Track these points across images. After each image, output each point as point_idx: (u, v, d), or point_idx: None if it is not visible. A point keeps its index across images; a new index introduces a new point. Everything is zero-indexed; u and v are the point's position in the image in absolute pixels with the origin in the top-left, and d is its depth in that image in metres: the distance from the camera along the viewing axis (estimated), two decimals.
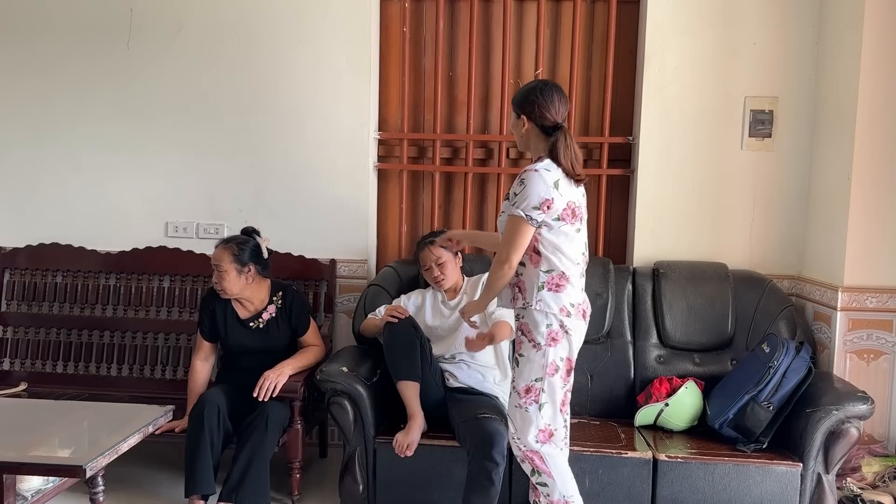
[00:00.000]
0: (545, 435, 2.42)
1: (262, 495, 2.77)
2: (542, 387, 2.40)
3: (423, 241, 3.09)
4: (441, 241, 2.91)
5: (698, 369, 3.17)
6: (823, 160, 3.23)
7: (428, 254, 3.03)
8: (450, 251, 3.03)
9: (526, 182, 2.35)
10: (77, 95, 3.58)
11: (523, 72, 3.59)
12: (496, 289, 2.45)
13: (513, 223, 2.38)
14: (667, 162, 3.39)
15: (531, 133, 2.47)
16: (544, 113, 2.42)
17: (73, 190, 3.62)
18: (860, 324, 3.01)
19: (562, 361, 2.40)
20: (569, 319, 2.38)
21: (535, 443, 2.41)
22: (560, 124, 2.43)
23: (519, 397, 2.43)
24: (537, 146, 2.48)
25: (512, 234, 2.38)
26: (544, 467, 2.43)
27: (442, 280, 3.03)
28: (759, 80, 3.35)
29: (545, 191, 2.34)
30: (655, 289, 3.27)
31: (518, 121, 2.49)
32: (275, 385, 2.83)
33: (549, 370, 2.39)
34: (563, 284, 2.39)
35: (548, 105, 2.42)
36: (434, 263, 3.02)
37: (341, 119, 3.50)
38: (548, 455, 2.43)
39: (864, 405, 2.65)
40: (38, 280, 3.57)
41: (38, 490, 2.08)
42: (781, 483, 2.70)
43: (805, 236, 3.36)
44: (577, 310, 2.42)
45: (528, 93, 2.47)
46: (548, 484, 2.44)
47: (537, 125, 2.45)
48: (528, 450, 2.43)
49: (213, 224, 3.59)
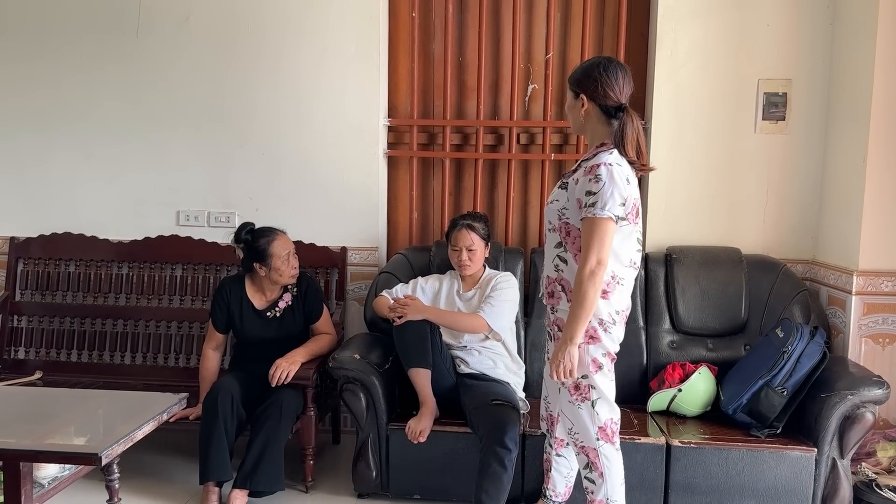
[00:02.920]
0: (606, 434, 2.32)
1: (276, 481, 2.79)
2: (590, 383, 2.29)
3: (461, 221, 3.03)
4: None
5: (711, 355, 3.16)
6: (838, 143, 3.19)
7: (464, 236, 3.00)
8: (482, 240, 3.01)
9: (604, 178, 2.15)
10: (86, 85, 3.59)
11: (534, 56, 3.56)
12: (592, 301, 2.17)
13: (596, 226, 2.16)
14: (679, 146, 3.36)
15: (591, 115, 2.27)
16: (608, 92, 2.21)
17: (84, 179, 3.64)
18: (875, 308, 2.98)
19: (604, 357, 2.28)
20: (612, 325, 2.27)
21: (597, 440, 2.31)
22: (624, 105, 2.24)
23: (570, 394, 2.32)
24: (596, 130, 2.29)
25: (595, 236, 2.15)
26: (598, 466, 2.33)
27: (467, 265, 3.02)
28: (773, 63, 3.31)
29: (624, 187, 2.16)
30: (668, 274, 3.25)
31: (576, 101, 2.29)
32: (287, 373, 2.84)
33: (592, 368, 2.27)
34: (609, 291, 2.24)
35: (612, 83, 2.21)
36: (466, 248, 3.00)
37: (350, 106, 3.49)
38: (605, 456, 2.32)
39: (879, 390, 2.63)
40: (52, 269, 3.59)
41: (54, 478, 2.09)
42: (796, 468, 2.68)
43: (819, 220, 3.33)
44: (621, 317, 2.30)
45: (589, 69, 2.26)
46: (595, 482, 2.35)
47: (598, 106, 2.25)
48: (589, 447, 2.34)
49: (224, 213, 3.60)
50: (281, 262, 2.97)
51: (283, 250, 2.98)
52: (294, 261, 3.03)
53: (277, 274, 2.98)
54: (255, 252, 2.98)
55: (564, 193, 2.32)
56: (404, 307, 2.85)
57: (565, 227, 2.31)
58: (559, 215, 2.33)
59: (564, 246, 2.32)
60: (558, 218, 2.33)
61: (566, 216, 2.31)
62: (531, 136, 3.59)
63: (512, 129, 3.53)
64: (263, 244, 2.97)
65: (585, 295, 2.17)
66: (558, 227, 2.34)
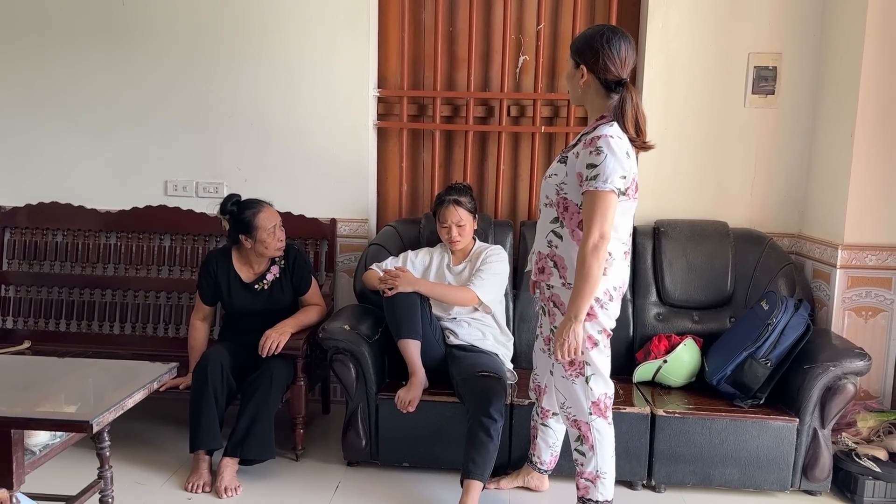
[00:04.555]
0: (599, 408, 2.32)
1: (266, 449, 2.81)
2: (585, 360, 2.28)
3: (447, 198, 3.02)
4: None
5: (697, 327, 3.19)
6: (827, 117, 3.21)
7: (452, 212, 3.00)
8: (470, 213, 3.01)
9: (605, 151, 2.12)
10: (73, 52, 3.54)
11: (525, 27, 3.54)
12: (596, 276, 2.14)
13: (599, 199, 2.12)
14: (669, 119, 3.37)
15: (590, 87, 2.23)
16: (608, 65, 2.16)
17: (71, 148, 3.60)
18: (859, 281, 3.02)
19: (600, 334, 2.28)
20: (609, 301, 2.26)
21: (590, 415, 2.32)
22: (624, 80, 2.19)
23: (564, 369, 2.32)
24: (595, 103, 2.25)
25: (598, 209, 2.12)
26: (590, 439, 2.34)
27: (458, 241, 3.02)
28: (763, 37, 3.31)
29: (625, 160, 2.14)
30: (656, 247, 3.27)
31: (576, 71, 2.24)
32: (277, 344, 2.85)
33: (588, 344, 2.26)
34: (607, 266, 2.19)
35: (613, 56, 2.16)
36: (455, 224, 3.00)
37: (340, 76, 3.46)
38: (598, 430, 2.33)
39: (861, 361, 2.68)
40: (39, 239, 3.57)
41: (45, 445, 2.10)
42: (778, 438, 2.74)
43: (806, 195, 3.36)
44: (618, 293, 2.28)
45: (591, 39, 2.19)
46: (586, 455, 2.36)
47: (598, 78, 2.20)
48: (581, 420, 2.34)
49: (212, 183, 3.58)
50: (266, 234, 2.95)
51: (268, 223, 2.96)
52: (280, 233, 3.01)
53: (263, 246, 2.97)
54: (241, 224, 2.97)
55: (563, 168, 2.28)
56: (395, 279, 2.86)
57: (563, 203, 2.28)
58: (557, 190, 2.30)
59: (561, 221, 2.29)
60: (556, 192, 2.30)
61: (564, 191, 2.27)
62: (521, 108, 3.58)
63: (502, 101, 3.52)
64: (249, 216, 2.96)
65: (590, 270, 2.13)
66: (556, 201, 2.30)
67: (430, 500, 2.73)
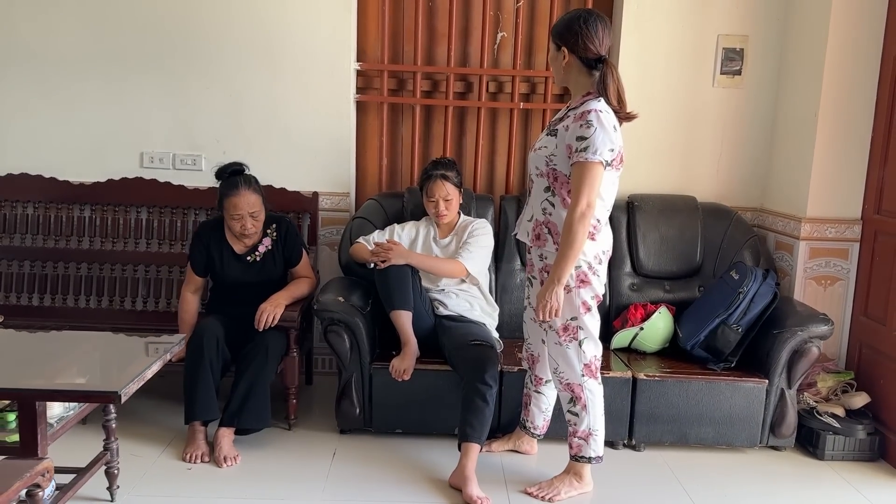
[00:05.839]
0: (591, 370, 2.48)
1: (262, 419, 2.85)
2: (579, 325, 2.43)
3: (435, 172, 3.07)
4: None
5: (668, 296, 3.37)
6: (791, 98, 3.39)
7: (440, 187, 3.05)
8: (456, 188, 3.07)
9: (595, 125, 2.25)
10: (41, 19, 3.42)
11: (503, 4, 3.60)
12: (581, 242, 2.29)
13: (587, 170, 2.26)
14: (642, 98, 3.46)
15: (572, 66, 2.37)
16: (588, 45, 2.30)
17: (41, 118, 3.49)
18: (819, 252, 3.23)
19: (592, 300, 2.43)
20: (598, 265, 2.42)
21: (582, 377, 2.47)
22: (604, 57, 2.33)
23: (558, 336, 2.46)
24: (578, 81, 2.39)
25: (586, 180, 2.26)
26: (582, 399, 2.49)
27: (445, 215, 3.09)
28: (732, 19, 3.46)
29: (613, 133, 2.28)
30: (630, 221, 3.42)
31: (558, 53, 2.38)
32: (273, 317, 2.88)
33: (582, 310, 2.42)
34: (595, 232, 2.37)
35: (591, 36, 2.30)
36: (442, 198, 3.06)
37: (320, 49, 3.45)
38: (590, 390, 2.49)
39: (825, 326, 2.89)
40: (9, 211, 3.47)
41: (60, 417, 2.11)
42: (748, 398, 2.94)
43: (769, 171, 3.55)
44: (606, 256, 2.46)
45: (570, 22, 2.34)
46: (579, 415, 2.51)
47: (579, 58, 2.34)
48: (574, 383, 2.49)
49: (189, 155, 3.54)
50: (230, 218, 2.94)
51: (233, 210, 2.91)
52: (248, 222, 2.94)
53: (228, 226, 2.98)
54: (219, 197, 2.98)
55: (553, 140, 2.40)
56: (388, 252, 2.92)
57: (552, 173, 2.41)
58: (546, 161, 2.42)
59: (553, 190, 2.42)
60: (546, 164, 2.42)
61: (554, 162, 2.40)
62: (500, 84, 3.65)
63: (482, 76, 3.58)
64: (221, 193, 2.96)
65: (575, 236, 2.28)
66: (546, 172, 2.43)
67: (426, 462, 2.83)
